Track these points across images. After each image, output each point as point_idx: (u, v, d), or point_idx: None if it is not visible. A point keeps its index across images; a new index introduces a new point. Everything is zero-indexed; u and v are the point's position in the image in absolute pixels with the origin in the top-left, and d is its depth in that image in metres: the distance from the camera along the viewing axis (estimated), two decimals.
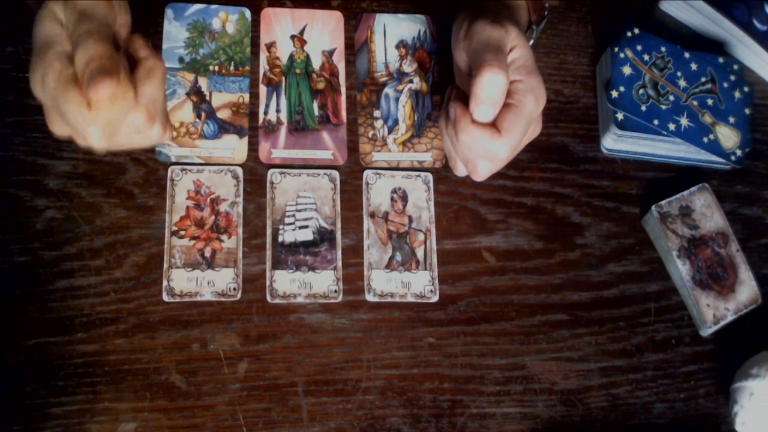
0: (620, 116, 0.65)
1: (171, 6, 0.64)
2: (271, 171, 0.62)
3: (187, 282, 0.58)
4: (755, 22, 0.71)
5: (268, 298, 0.59)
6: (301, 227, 0.61)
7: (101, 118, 0.44)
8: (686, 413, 0.62)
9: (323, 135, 0.64)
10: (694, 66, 0.68)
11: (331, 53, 0.66)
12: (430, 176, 0.64)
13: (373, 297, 0.60)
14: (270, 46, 0.65)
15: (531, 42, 0.63)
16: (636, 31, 0.67)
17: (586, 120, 0.68)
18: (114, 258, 0.58)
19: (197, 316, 0.58)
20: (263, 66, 0.64)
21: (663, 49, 0.68)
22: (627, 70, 0.66)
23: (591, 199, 0.66)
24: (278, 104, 0.64)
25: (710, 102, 0.67)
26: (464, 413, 0.59)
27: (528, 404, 0.60)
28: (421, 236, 0.63)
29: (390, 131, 0.65)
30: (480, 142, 0.52)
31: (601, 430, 0.61)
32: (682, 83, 0.67)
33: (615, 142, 0.66)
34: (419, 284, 0.61)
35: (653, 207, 0.65)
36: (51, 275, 0.57)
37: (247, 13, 0.66)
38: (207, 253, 0.59)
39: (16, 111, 0.60)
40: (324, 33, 0.66)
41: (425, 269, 0.62)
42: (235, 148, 0.62)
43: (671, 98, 0.66)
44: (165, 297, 0.58)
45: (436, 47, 0.67)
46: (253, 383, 0.57)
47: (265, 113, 0.63)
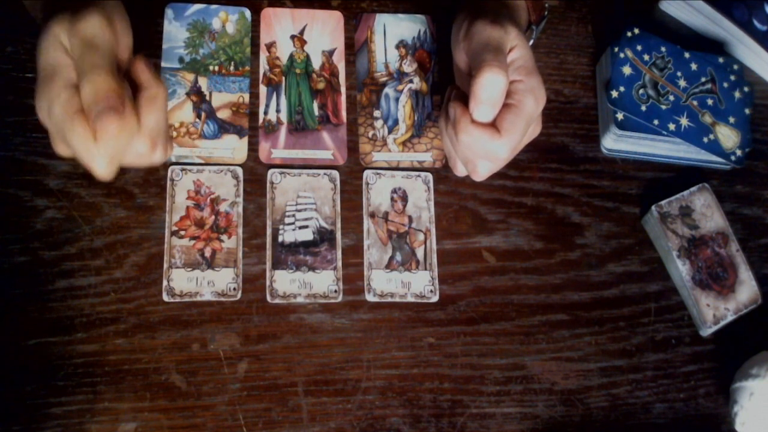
0: (620, 116, 0.65)
1: (171, 6, 0.64)
2: (271, 171, 0.62)
3: (187, 282, 0.58)
4: (755, 22, 0.71)
5: (268, 298, 0.59)
6: (301, 227, 0.61)
7: (107, 151, 0.45)
8: (686, 413, 0.62)
9: (323, 135, 0.64)
10: (694, 66, 0.68)
11: (331, 53, 0.66)
12: (430, 176, 0.64)
13: (373, 297, 0.60)
14: (270, 46, 0.65)
15: (531, 42, 0.63)
16: (636, 31, 0.67)
17: (586, 120, 0.68)
18: (114, 258, 0.58)
19: (197, 316, 0.58)
20: (263, 66, 0.64)
21: (663, 49, 0.68)
22: (627, 70, 0.66)
23: (591, 199, 0.66)
24: (278, 104, 0.64)
25: (710, 102, 0.67)
26: (464, 413, 0.59)
27: (528, 404, 0.60)
28: (421, 236, 0.63)
29: (390, 131, 0.65)
30: (480, 142, 0.52)
31: (601, 430, 0.61)
32: (682, 83, 0.67)
33: (615, 142, 0.66)
34: (419, 284, 0.61)
35: (653, 207, 0.65)
36: (51, 275, 0.57)
37: (247, 13, 0.66)
38: (207, 253, 0.59)
39: (16, 111, 0.60)
40: (324, 33, 0.66)
41: (425, 269, 0.62)
42: (235, 148, 0.62)
43: (671, 98, 0.66)
44: (165, 297, 0.58)
45: (436, 47, 0.67)
46: (253, 383, 0.57)
47: (265, 113, 0.63)
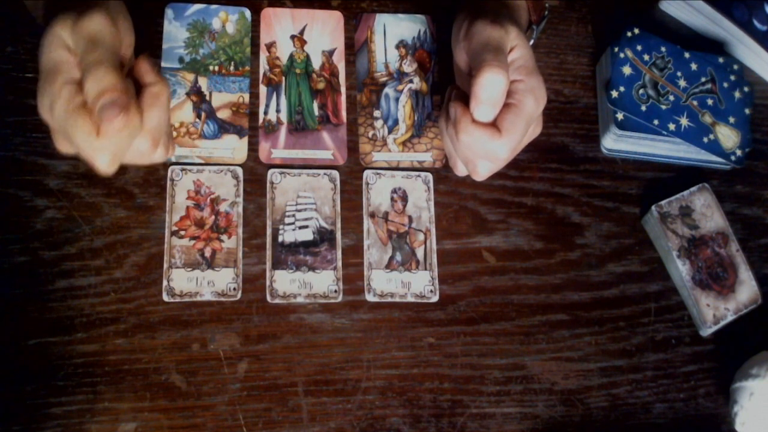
0: (620, 116, 0.65)
1: (171, 6, 0.64)
2: (271, 171, 0.62)
3: (187, 282, 0.58)
4: (755, 22, 0.71)
5: (268, 298, 0.59)
6: (301, 227, 0.61)
7: (109, 146, 0.45)
8: (686, 413, 0.62)
9: (323, 135, 0.64)
10: (694, 66, 0.68)
11: (331, 53, 0.66)
12: (430, 176, 0.64)
13: (373, 297, 0.60)
14: (270, 46, 0.65)
15: (531, 42, 0.63)
16: (636, 31, 0.67)
17: (586, 120, 0.68)
18: (114, 258, 0.58)
19: (197, 316, 0.58)
20: (263, 66, 0.64)
21: (663, 49, 0.68)
22: (627, 70, 0.66)
23: (591, 199, 0.66)
24: (278, 104, 0.64)
25: (710, 102, 0.67)
26: (464, 413, 0.59)
27: (528, 404, 0.60)
28: (421, 236, 0.63)
29: (390, 131, 0.65)
30: (480, 142, 0.52)
31: (601, 430, 0.61)
32: (682, 83, 0.67)
33: (615, 142, 0.66)
34: (419, 284, 0.61)
35: (653, 207, 0.65)
36: (51, 275, 0.57)
37: (247, 13, 0.65)
38: (207, 253, 0.59)
39: (16, 111, 0.60)
40: (324, 33, 0.66)
41: (425, 269, 0.62)
42: (235, 148, 0.62)
43: (671, 98, 0.66)
44: (165, 297, 0.58)
45: (436, 47, 0.67)
46: (253, 383, 0.57)
47: (265, 113, 0.63)
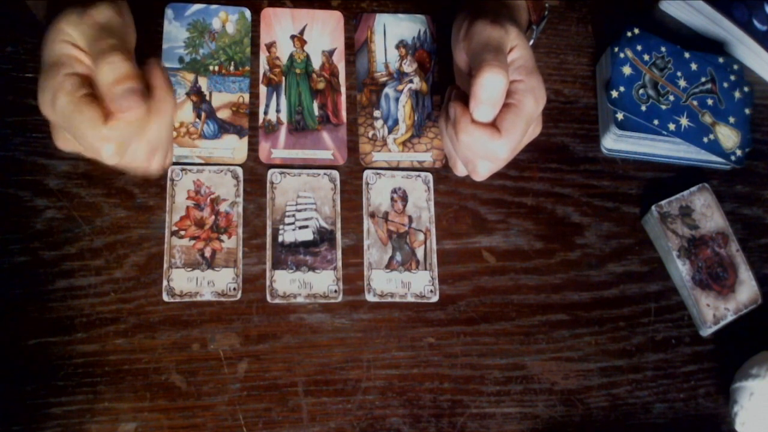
0: (620, 116, 0.65)
1: (171, 6, 0.64)
2: (271, 171, 0.62)
3: (187, 282, 0.58)
4: (755, 22, 0.71)
5: (268, 298, 0.59)
6: (301, 227, 0.61)
7: (116, 135, 0.45)
8: (686, 413, 0.62)
9: (323, 135, 0.64)
10: (694, 66, 0.68)
11: (331, 53, 0.66)
12: (430, 176, 0.64)
13: (373, 297, 0.60)
14: (270, 46, 0.65)
15: (531, 42, 0.63)
16: (636, 31, 0.67)
17: (586, 120, 0.68)
18: (114, 258, 0.58)
19: (197, 316, 0.58)
20: (263, 66, 0.64)
21: (663, 49, 0.68)
22: (627, 70, 0.66)
23: (591, 199, 0.66)
24: (278, 104, 0.64)
25: (710, 102, 0.67)
26: (464, 413, 0.59)
27: (528, 404, 0.60)
28: (421, 236, 0.63)
29: (390, 131, 0.65)
30: (480, 142, 0.52)
31: (601, 430, 0.61)
32: (682, 83, 0.67)
33: (615, 142, 0.66)
34: (419, 284, 0.61)
35: (653, 207, 0.65)
36: (51, 275, 0.57)
37: (247, 13, 0.65)
38: (207, 253, 0.59)
39: (16, 111, 0.60)
40: (324, 33, 0.66)
41: (425, 269, 0.62)
42: (235, 148, 0.62)
43: (671, 98, 0.66)
44: (165, 297, 0.58)
45: (436, 47, 0.67)
46: (253, 383, 0.57)
47: (265, 113, 0.63)
